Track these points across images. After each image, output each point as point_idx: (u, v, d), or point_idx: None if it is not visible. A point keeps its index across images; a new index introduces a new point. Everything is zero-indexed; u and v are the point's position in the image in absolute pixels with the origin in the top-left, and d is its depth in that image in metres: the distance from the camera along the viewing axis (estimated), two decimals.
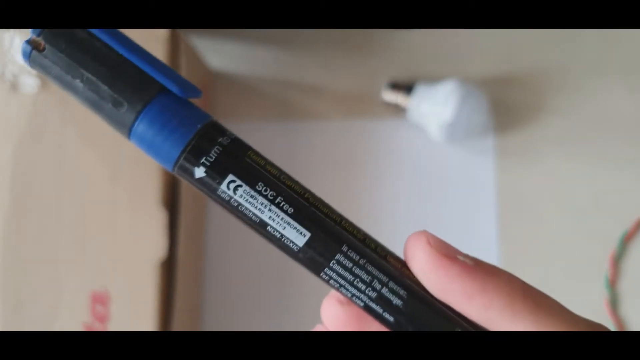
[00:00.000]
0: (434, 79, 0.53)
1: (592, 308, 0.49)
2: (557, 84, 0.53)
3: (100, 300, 0.45)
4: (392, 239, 0.54)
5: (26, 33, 0.46)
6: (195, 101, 0.21)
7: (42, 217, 0.46)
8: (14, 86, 0.47)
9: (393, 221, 0.53)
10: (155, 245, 0.44)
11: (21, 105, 0.47)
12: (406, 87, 0.51)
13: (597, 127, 0.52)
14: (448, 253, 0.20)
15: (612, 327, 0.49)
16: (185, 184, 0.45)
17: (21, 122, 0.47)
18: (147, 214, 0.44)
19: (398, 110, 0.52)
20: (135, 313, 0.44)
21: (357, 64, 0.55)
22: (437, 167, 0.53)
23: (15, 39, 0.48)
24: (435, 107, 0.49)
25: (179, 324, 0.46)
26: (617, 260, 0.50)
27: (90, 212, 0.45)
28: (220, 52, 0.57)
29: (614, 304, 0.49)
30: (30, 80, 0.47)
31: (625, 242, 0.50)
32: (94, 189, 0.45)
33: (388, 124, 0.54)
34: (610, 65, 0.53)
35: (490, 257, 0.51)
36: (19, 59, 0.47)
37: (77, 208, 0.45)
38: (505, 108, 0.53)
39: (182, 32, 0.45)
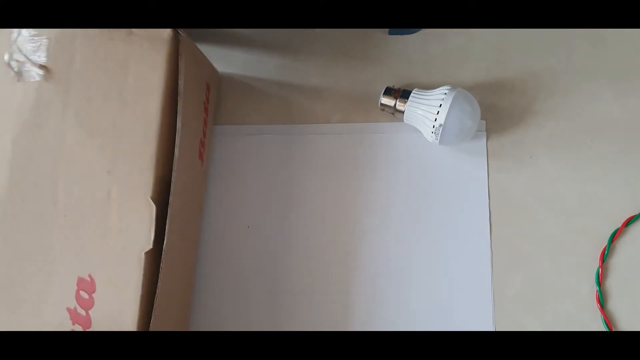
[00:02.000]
0: (428, 84, 0.56)
1: (582, 304, 0.51)
2: (548, 88, 0.55)
3: (85, 287, 0.44)
4: (388, 236, 0.55)
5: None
6: (200, 105, 0.21)
7: (38, 203, 0.45)
8: (19, 75, 0.47)
9: (389, 219, 0.53)
10: (142, 237, 0.44)
11: (25, 94, 0.47)
12: (402, 92, 0.53)
13: (586, 129, 0.54)
14: None
15: (602, 321, 0.50)
16: (176, 180, 0.45)
17: (24, 110, 0.47)
18: (137, 207, 0.44)
19: (394, 114, 0.54)
20: (118, 302, 0.43)
21: (356, 70, 0.57)
22: (432, 168, 0.54)
23: (23, 30, 0.48)
24: (429, 110, 0.51)
25: (162, 319, 0.45)
26: (607, 258, 0.51)
27: (84, 202, 0.45)
28: (225, 58, 0.58)
29: (603, 300, 0.50)
30: (34, 69, 0.47)
31: (614, 241, 0.51)
32: (89, 179, 0.45)
33: (385, 127, 0.55)
34: (600, 70, 0.55)
35: (483, 254, 0.52)
36: (25, 48, 0.47)
37: (71, 197, 0.45)
38: (497, 111, 0.55)
39: (185, 36, 0.46)
